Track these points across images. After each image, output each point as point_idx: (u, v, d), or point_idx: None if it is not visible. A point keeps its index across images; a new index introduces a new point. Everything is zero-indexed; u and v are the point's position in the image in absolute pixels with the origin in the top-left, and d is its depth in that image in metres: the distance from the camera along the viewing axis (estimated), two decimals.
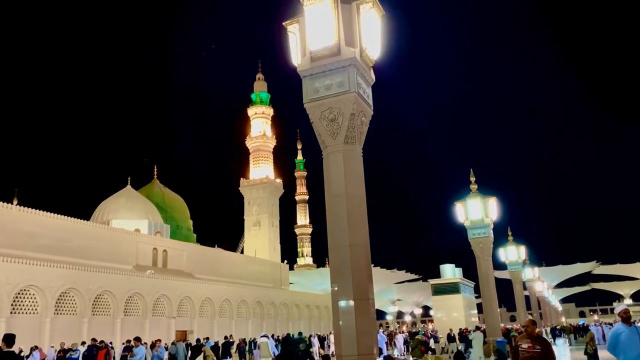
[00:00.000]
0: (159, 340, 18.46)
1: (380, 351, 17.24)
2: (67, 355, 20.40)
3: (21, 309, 33.28)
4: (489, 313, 26.08)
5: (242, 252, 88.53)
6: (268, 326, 57.27)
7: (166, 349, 28.84)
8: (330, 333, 46.77)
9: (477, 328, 26.83)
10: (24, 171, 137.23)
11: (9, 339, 10.70)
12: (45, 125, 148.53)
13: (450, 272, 39.31)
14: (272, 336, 34.38)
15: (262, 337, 26.19)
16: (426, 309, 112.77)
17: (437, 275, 39.85)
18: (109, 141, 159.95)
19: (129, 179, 63.39)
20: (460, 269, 40.26)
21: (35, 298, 34.21)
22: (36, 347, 23.04)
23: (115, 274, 40.50)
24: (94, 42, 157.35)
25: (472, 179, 27.07)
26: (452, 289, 37.98)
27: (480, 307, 34.38)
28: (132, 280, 41.96)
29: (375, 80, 9.94)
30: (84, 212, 68.81)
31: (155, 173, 76.13)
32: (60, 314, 35.64)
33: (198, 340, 26.77)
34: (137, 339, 16.90)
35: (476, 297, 44.16)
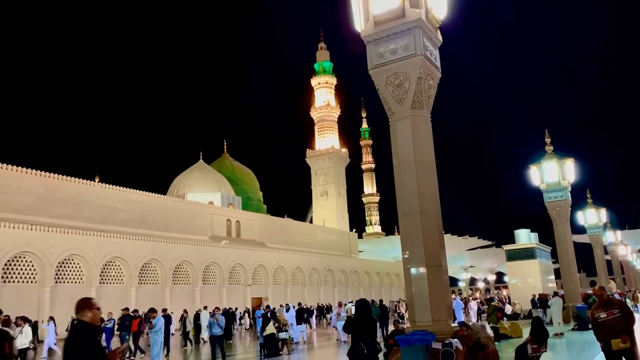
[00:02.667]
0: (217, 308, 17.65)
1: (455, 317, 17.09)
2: (102, 324, 19.66)
3: (109, 279, 35.65)
4: (568, 278, 25.19)
5: (310, 221, 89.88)
6: (339, 293, 58.29)
7: (229, 315, 29.02)
8: (399, 300, 46.89)
9: (556, 294, 25.98)
10: (104, 149, 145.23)
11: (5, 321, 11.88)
12: (122, 105, 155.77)
13: (525, 238, 38.05)
14: (300, 305, 32.53)
15: (349, 303, 26.57)
16: (500, 275, 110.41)
17: (511, 240, 38.67)
18: (180, 118, 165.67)
19: (201, 153, 65.67)
20: (536, 233, 38.86)
21: (120, 269, 36.51)
22: (51, 318, 23.61)
23: (192, 245, 42.44)
24: (165, 18, 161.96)
25: (548, 140, 25.89)
26: (527, 254, 36.82)
27: (557, 273, 33.19)
28: (209, 251, 43.79)
29: (442, 41, 9.60)
30: (160, 186, 72.10)
31: (225, 147, 78.22)
32: (144, 283, 37.88)
33: (268, 306, 27.18)
34: (153, 310, 16.14)
35: (553, 263, 42.65)
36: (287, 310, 24.78)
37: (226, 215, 54.11)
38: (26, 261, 30.96)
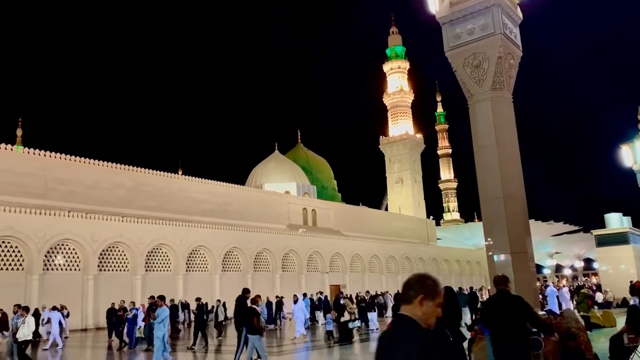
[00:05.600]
0: (259, 296, 15.24)
1: (542, 306, 16.43)
2: (125, 314, 19.48)
3: (194, 267, 37.37)
4: None
5: (386, 209, 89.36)
6: None
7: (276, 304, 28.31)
8: (482, 288, 45.70)
9: None
10: (185, 143, 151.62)
11: None
12: (201, 100, 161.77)
13: (617, 222, 35.81)
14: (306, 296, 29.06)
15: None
16: (588, 261, 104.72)
17: (601, 225, 36.55)
18: (256, 110, 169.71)
19: (276, 144, 67.05)
20: (629, 217, 36.49)
21: (205, 257, 38.14)
22: (55, 308, 23.00)
23: (271, 234, 43.58)
24: (242, 10, 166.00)
25: None
26: (619, 239, 34.65)
27: None
28: (287, 239, 44.78)
29: (522, 18, 9.19)
30: (239, 177, 74.41)
31: (299, 137, 79.29)
32: (227, 270, 39.38)
33: (341, 293, 27.18)
34: (161, 298, 14.34)
35: None
36: (295, 302, 22.25)
37: (302, 204, 55.00)
38: (119, 251, 33.09)
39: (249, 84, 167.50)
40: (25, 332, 13.76)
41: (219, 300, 26.87)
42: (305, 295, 28.30)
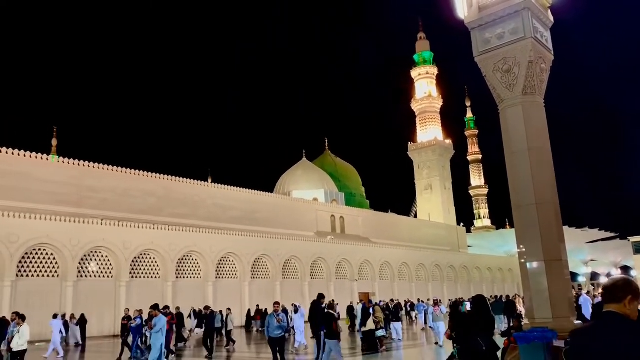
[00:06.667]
0: (277, 304, 14.95)
1: (577, 315, 16.00)
2: (129, 323, 18.76)
3: (223, 274, 37.66)
4: None
5: (415, 216, 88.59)
6: (449, 289, 57.00)
7: (293, 311, 26.43)
8: (515, 295, 44.73)
9: None
10: (214, 151, 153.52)
11: None
12: (229, 108, 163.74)
13: None
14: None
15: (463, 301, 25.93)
16: (626, 269, 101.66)
17: (638, 232, 35.50)
18: (283, 117, 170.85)
19: (304, 151, 67.27)
20: None
21: (234, 264, 38.42)
22: (56, 316, 22.38)
23: (299, 241, 43.65)
24: (272, 19, 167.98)
25: None
26: None
27: None
28: (315, 246, 44.77)
29: (553, 21, 9.02)
30: (267, 185, 74.85)
31: (327, 144, 79.43)
32: (256, 278, 39.57)
33: (371, 301, 27.21)
34: (155, 307, 14.17)
35: None
36: (296, 312, 22.00)
37: (330, 211, 54.97)
38: (150, 258, 33.60)
39: (277, 92, 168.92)
40: (19, 341, 13.06)
41: (229, 309, 26.37)
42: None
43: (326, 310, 13.21)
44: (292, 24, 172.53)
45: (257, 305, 34.02)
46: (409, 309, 39.78)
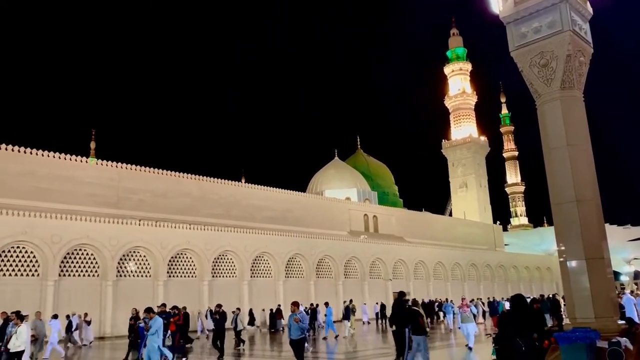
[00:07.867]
0: (295, 304, 13.73)
1: (622, 315, 15.48)
2: (137, 324, 18.15)
3: (258, 273, 38.00)
4: None
5: (450, 214, 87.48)
6: (485, 288, 56.08)
7: (307, 312, 27.16)
8: (555, 295, 43.65)
9: None
10: (248, 151, 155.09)
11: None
12: (263, 110, 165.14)
13: None
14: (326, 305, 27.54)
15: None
16: None
17: None
18: (315, 116, 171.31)
19: (336, 150, 67.24)
20: None
21: (268, 263, 38.72)
22: (55, 316, 22.21)
23: (333, 240, 43.67)
24: (303, 19, 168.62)
25: None
26: None
27: None
28: (349, 245, 44.71)
29: (592, 13, 8.77)
30: (299, 184, 75.17)
31: (359, 143, 79.19)
32: (290, 277, 39.78)
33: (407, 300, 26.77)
34: (149, 310, 13.81)
35: None
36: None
37: (363, 210, 54.79)
38: (187, 258, 34.19)
39: (310, 92, 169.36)
40: (16, 342, 12.68)
41: (238, 309, 25.32)
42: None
43: (411, 307, 13.25)
44: (329, 22, 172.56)
45: (279, 305, 34.80)
46: (436, 308, 37.49)
